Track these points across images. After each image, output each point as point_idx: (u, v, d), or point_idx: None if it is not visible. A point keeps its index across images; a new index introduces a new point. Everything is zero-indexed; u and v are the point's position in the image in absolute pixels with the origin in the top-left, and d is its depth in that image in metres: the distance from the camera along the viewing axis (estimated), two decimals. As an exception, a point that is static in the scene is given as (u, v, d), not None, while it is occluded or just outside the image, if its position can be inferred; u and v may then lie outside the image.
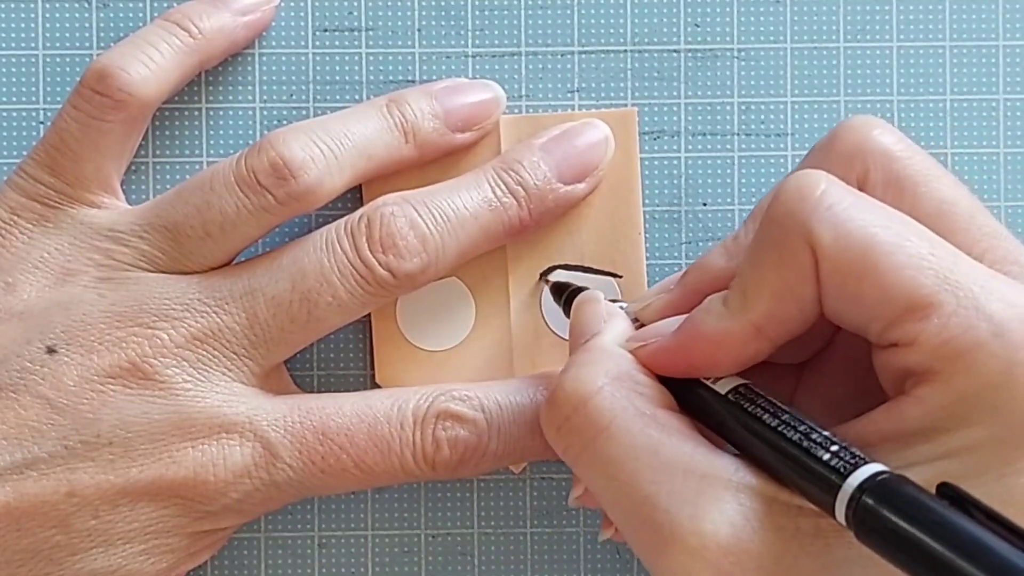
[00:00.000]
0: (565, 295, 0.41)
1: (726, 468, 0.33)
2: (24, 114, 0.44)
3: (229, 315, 0.40)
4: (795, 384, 0.38)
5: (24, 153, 0.43)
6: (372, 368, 0.44)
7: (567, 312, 0.41)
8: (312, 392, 0.44)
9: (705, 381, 0.35)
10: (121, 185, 0.43)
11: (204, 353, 0.40)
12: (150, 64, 0.41)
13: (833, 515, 0.31)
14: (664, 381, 0.36)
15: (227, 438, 0.39)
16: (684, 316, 0.36)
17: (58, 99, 0.44)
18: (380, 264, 0.40)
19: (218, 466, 0.39)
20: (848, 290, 0.32)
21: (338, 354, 0.44)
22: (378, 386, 0.44)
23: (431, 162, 0.43)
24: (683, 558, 0.32)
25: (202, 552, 0.41)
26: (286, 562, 0.44)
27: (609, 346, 0.36)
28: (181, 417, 0.39)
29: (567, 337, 0.44)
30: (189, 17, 0.42)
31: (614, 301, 0.40)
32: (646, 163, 0.44)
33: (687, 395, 0.36)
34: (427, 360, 0.44)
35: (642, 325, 0.38)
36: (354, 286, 0.40)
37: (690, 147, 0.44)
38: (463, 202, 0.41)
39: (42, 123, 0.44)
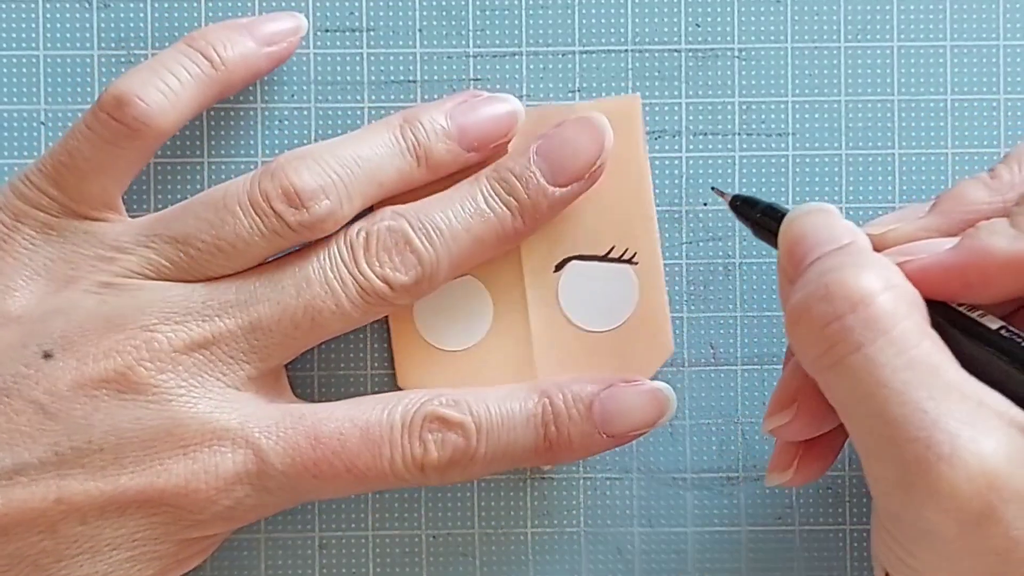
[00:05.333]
0: (759, 210, 0.39)
1: (998, 402, 0.32)
2: (24, 114, 0.44)
3: (233, 319, 0.39)
4: None
5: (24, 153, 0.43)
6: (371, 368, 0.44)
7: (761, 230, 0.39)
8: (312, 390, 0.43)
9: (971, 315, 0.34)
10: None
11: (201, 358, 0.39)
12: (168, 94, 0.40)
13: None
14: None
15: (218, 445, 0.39)
16: (943, 239, 0.35)
17: (58, 99, 0.43)
18: (377, 276, 0.39)
19: (209, 474, 0.38)
20: None
21: (338, 354, 0.44)
22: (381, 387, 0.43)
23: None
24: (958, 478, 0.31)
25: (191, 558, 0.40)
26: (286, 563, 0.44)
27: (875, 255, 0.35)
28: (173, 423, 0.38)
29: (586, 327, 0.43)
30: (213, 45, 0.41)
31: None
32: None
33: (945, 326, 0.34)
34: (447, 360, 0.43)
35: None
36: (355, 296, 0.39)
37: (691, 147, 0.44)
38: (455, 215, 0.40)
39: (42, 123, 0.44)
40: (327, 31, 0.44)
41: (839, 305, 0.33)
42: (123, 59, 0.43)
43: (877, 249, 0.36)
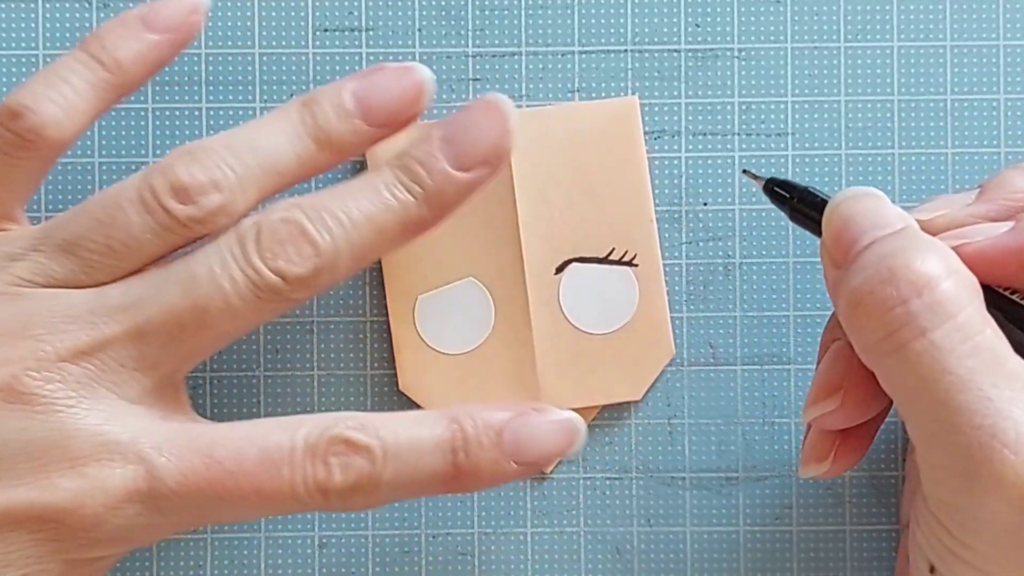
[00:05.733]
0: (797, 194, 0.39)
1: None
2: (24, 114, 0.44)
3: (119, 324, 0.37)
4: None
5: (24, 153, 0.43)
6: (371, 368, 0.44)
7: (797, 215, 0.38)
8: (312, 390, 0.43)
9: (1022, 302, 0.34)
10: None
11: (90, 367, 0.37)
12: (62, 103, 0.39)
13: None
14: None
15: (108, 460, 0.37)
16: (994, 224, 0.35)
17: (58, 99, 0.44)
18: (270, 269, 0.37)
19: (97, 490, 0.36)
20: None
21: (338, 354, 0.44)
22: (381, 387, 0.43)
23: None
24: (1022, 466, 0.31)
25: None
26: (286, 562, 0.44)
27: (933, 240, 0.35)
28: (61, 435, 0.37)
29: (588, 330, 0.43)
30: (106, 48, 0.40)
31: None
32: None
33: (994, 313, 0.34)
34: (450, 364, 0.43)
35: None
36: (245, 292, 0.37)
37: (690, 147, 0.44)
38: (356, 204, 0.38)
39: (42, 123, 0.44)
40: (327, 31, 0.44)
41: (904, 289, 0.33)
42: (123, 59, 0.43)
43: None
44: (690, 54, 0.44)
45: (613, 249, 0.43)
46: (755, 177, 0.41)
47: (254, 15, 0.43)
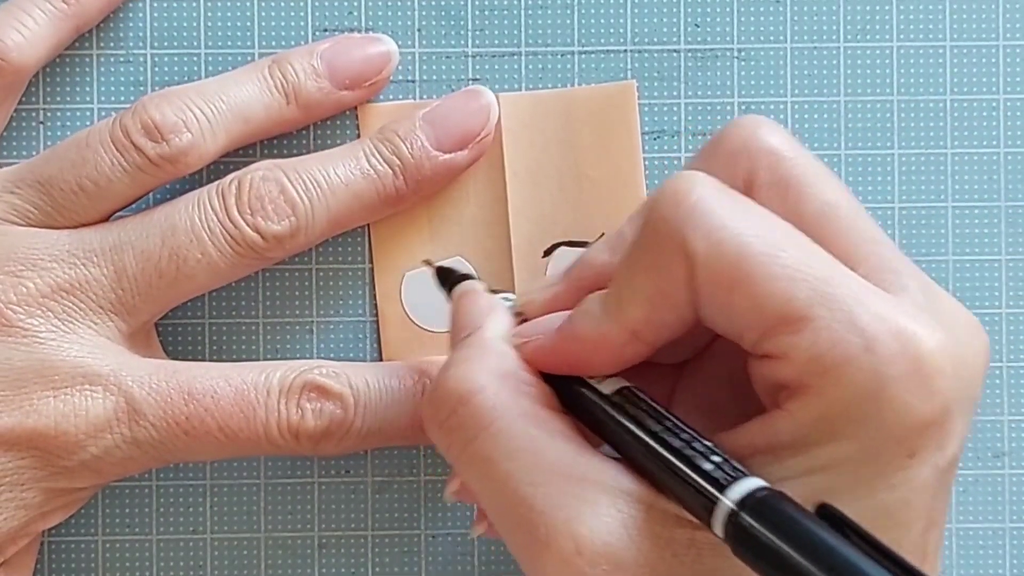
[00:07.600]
0: (450, 282, 0.39)
1: (605, 472, 0.32)
2: (24, 114, 0.43)
3: (97, 267, 0.39)
4: (673, 385, 0.37)
5: (24, 153, 0.43)
6: (380, 353, 0.44)
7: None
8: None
9: (590, 381, 0.34)
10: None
11: (70, 305, 0.39)
12: (24, 32, 0.41)
13: (710, 526, 0.30)
14: (549, 379, 0.35)
15: (90, 389, 0.38)
16: (568, 312, 0.35)
17: (57, 98, 0.43)
18: (248, 225, 0.39)
19: (79, 417, 0.38)
20: (721, 300, 0.31)
21: (337, 345, 0.44)
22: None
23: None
24: (557, 562, 0.31)
25: (55, 513, 0.40)
26: (286, 562, 0.43)
27: (493, 342, 0.35)
28: (44, 365, 0.38)
29: None
30: None
31: (496, 292, 0.38)
32: (646, 164, 0.44)
33: (571, 394, 0.34)
34: (434, 341, 0.43)
35: (525, 319, 0.36)
36: (223, 245, 0.39)
37: (690, 147, 0.44)
38: (335, 170, 0.40)
39: (42, 123, 0.43)
40: (326, 31, 0.44)
41: (446, 405, 0.34)
42: (122, 58, 0.43)
43: (526, 318, 0.36)
44: (690, 54, 0.44)
45: (603, 234, 0.43)
46: (430, 264, 0.41)
47: (254, 15, 0.43)
